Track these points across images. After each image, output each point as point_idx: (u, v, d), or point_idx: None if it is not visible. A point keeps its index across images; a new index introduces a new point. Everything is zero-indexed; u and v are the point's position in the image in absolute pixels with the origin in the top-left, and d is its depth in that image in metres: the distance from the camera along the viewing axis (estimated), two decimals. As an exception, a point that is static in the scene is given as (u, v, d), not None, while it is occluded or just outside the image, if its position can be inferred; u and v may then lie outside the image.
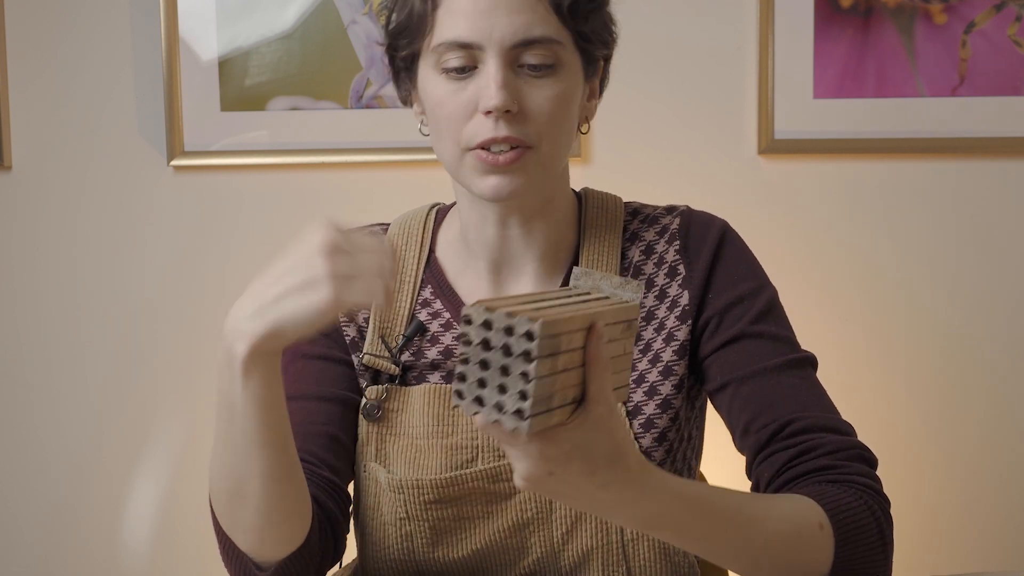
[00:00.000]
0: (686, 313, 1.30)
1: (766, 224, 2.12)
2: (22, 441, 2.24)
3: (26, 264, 2.22)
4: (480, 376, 0.91)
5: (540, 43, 1.22)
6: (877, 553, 1.17)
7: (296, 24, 2.17)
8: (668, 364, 1.29)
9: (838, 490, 1.18)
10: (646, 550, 1.28)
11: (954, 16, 2.15)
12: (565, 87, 1.25)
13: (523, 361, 0.90)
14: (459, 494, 1.27)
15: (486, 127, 1.23)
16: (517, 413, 0.90)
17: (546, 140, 1.24)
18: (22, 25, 2.18)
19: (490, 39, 1.21)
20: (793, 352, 1.30)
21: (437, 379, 1.32)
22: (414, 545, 1.29)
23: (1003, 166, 2.20)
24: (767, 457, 1.24)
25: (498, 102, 1.21)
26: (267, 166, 2.19)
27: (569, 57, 1.25)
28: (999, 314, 2.22)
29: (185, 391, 2.23)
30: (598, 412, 0.96)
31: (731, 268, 1.32)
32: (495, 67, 1.21)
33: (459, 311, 1.33)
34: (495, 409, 0.91)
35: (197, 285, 2.21)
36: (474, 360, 0.91)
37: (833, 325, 2.18)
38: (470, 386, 0.91)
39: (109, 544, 2.24)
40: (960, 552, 2.23)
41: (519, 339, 0.90)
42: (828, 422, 1.25)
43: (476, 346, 0.91)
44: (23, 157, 2.20)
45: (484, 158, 1.23)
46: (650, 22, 2.17)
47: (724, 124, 2.19)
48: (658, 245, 1.33)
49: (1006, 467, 2.23)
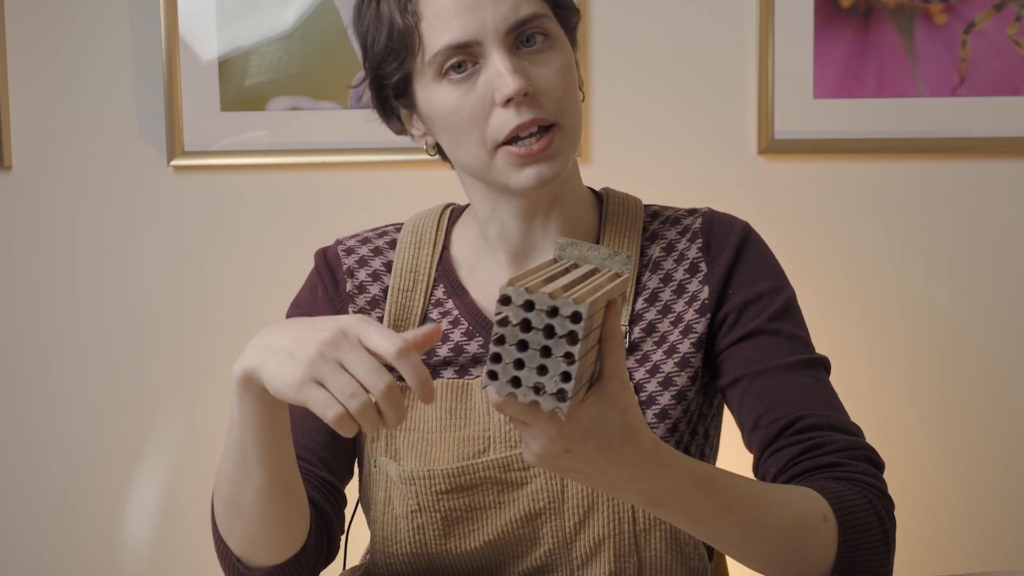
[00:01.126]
0: (705, 307, 1.31)
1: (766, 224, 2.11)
2: (22, 441, 2.24)
3: (26, 264, 2.22)
4: (518, 357, 0.89)
5: (531, 21, 1.24)
6: (879, 551, 1.18)
7: (296, 24, 2.17)
8: (685, 356, 1.30)
9: (843, 487, 1.19)
10: (657, 540, 1.28)
11: (954, 16, 2.15)
12: (563, 57, 1.27)
13: (567, 343, 0.88)
14: (471, 483, 1.28)
15: (509, 118, 1.23)
16: (558, 394, 0.89)
17: (565, 113, 1.26)
18: (22, 25, 2.18)
19: (485, 31, 1.22)
20: (807, 352, 1.31)
21: (450, 374, 1.33)
22: (426, 537, 1.30)
23: (1003, 166, 2.20)
24: (774, 452, 1.25)
25: (516, 87, 1.21)
26: (267, 166, 2.19)
27: (556, 29, 1.28)
28: (999, 314, 2.22)
29: (185, 391, 2.23)
30: (613, 388, 0.98)
31: (752, 266, 1.34)
32: (499, 56, 1.23)
33: (469, 310, 1.34)
34: (532, 390, 0.90)
35: (197, 285, 2.21)
36: (511, 341, 0.89)
37: (833, 325, 2.18)
38: (505, 367, 0.90)
39: (109, 544, 2.24)
40: (960, 552, 2.23)
41: (563, 320, 0.88)
42: (837, 422, 1.26)
43: (515, 327, 0.89)
44: (23, 157, 2.20)
45: (516, 152, 1.24)
46: (650, 22, 2.17)
47: (724, 124, 2.19)
48: (679, 244, 1.35)
49: (1006, 467, 2.23)
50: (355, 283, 1.38)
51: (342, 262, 1.40)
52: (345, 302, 1.38)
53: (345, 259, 1.40)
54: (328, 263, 1.40)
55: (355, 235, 1.44)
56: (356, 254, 1.40)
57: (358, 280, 1.38)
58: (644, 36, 2.16)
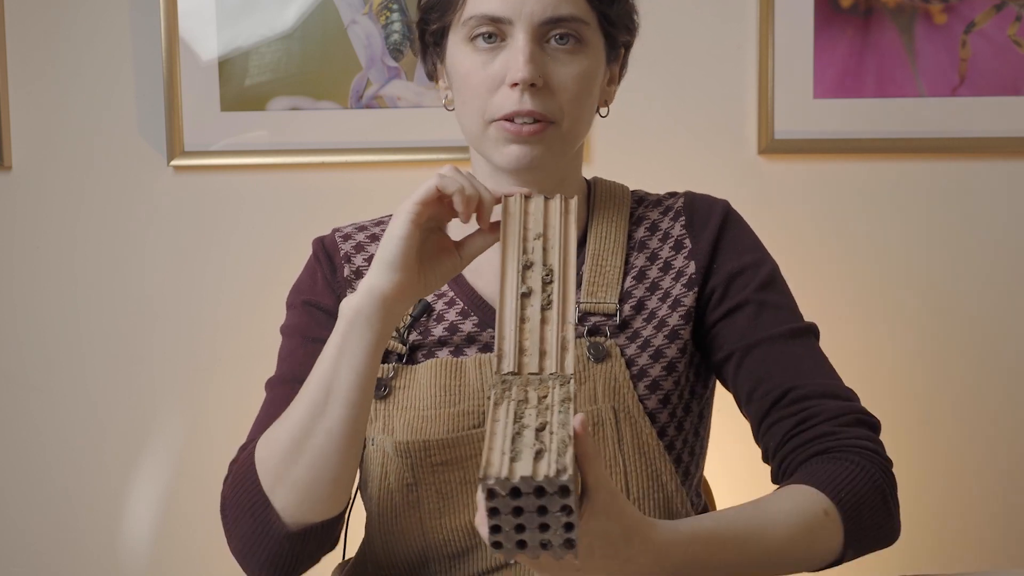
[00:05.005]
0: (692, 281, 1.35)
1: (766, 224, 2.11)
2: (22, 441, 2.24)
3: (26, 264, 2.22)
4: (517, 523, 0.95)
5: (568, 21, 1.28)
6: (882, 517, 1.25)
7: (296, 24, 2.17)
8: (674, 328, 1.34)
9: (836, 464, 1.24)
10: (651, 511, 1.31)
11: (954, 16, 2.15)
12: (588, 66, 1.31)
13: (563, 513, 0.94)
14: (465, 455, 1.30)
15: (511, 99, 1.28)
16: (566, 543, 0.95)
17: (568, 116, 1.30)
18: (22, 25, 2.18)
19: (520, 14, 1.27)
20: (795, 321, 1.36)
21: (445, 354, 1.35)
22: (422, 512, 1.31)
23: (1003, 166, 2.20)
24: (771, 426, 1.31)
25: (526, 74, 1.26)
26: (267, 166, 2.19)
27: (594, 38, 1.32)
28: (999, 314, 2.22)
29: (185, 391, 2.23)
30: (602, 499, 1.02)
31: (736, 240, 1.38)
32: (523, 41, 1.27)
33: (464, 290, 1.38)
34: (539, 547, 0.95)
35: (197, 285, 2.21)
36: (508, 527, 0.95)
37: (832, 325, 2.17)
38: (508, 534, 0.95)
39: (109, 544, 2.24)
40: (960, 552, 2.23)
41: (552, 497, 0.93)
42: (828, 388, 1.31)
43: (507, 516, 0.94)
44: (23, 157, 2.20)
45: (508, 128, 1.29)
46: (650, 22, 2.16)
47: (724, 124, 2.19)
48: (663, 223, 1.40)
49: (1007, 467, 2.23)
50: (352, 268, 1.41)
51: (339, 247, 1.43)
52: (343, 287, 1.40)
53: (342, 245, 1.43)
54: (325, 249, 1.44)
55: (352, 223, 1.48)
56: (353, 240, 1.44)
57: (355, 265, 1.41)
58: (644, 36, 2.15)
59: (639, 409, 1.30)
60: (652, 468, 1.30)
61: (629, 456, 1.29)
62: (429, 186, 1.17)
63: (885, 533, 1.26)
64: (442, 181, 1.17)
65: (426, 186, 1.18)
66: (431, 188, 1.17)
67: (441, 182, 1.17)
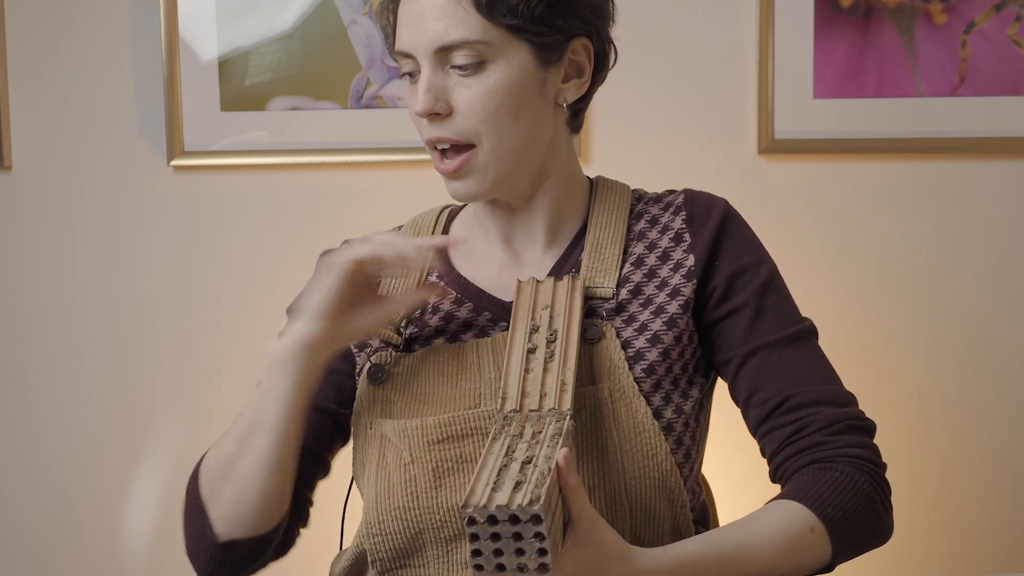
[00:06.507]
0: (692, 273, 1.37)
1: (765, 224, 2.11)
2: (22, 441, 2.24)
3: (26, 264, 2.22)
4: (495, 548, 1.05)
5: (460, 46, 1.30)
6: (871, 525, 1.28)
7: (296, 24, 2.17)
8: (672, 316, 1.36)
9: (825, 475, 1.27)
10: (647, 488, 1.32)
11: (954, 16, 2.15)
12: (495, 82, 1.30)
13: (536, 539, 1.03)
14: (461, 432, 1.32)
15: (424, 129, 1.34)
16: (540, 568, 1.04)
17: (486, 136, 1.31)
18: (22, 25, 2.18)
19: (418, 47, 1.31)
20: (794, 324, 1.38)
21: (442, 342, 1.38)
22: (418, 489, 1.32)
23: (1003, 166, 2.20)
24: (767, 434, 1.34)
25: (420, 107, 1.31)
26: (267, 166, 2.19)
27: (502, 52, 1.30)
28: (999, 314, 2.22)
29: (185, 391, 2.23)
30: (584, 527, 1.12)
31: (736, 239, 1.40)
32: (425, 72, 1.31)
33: (457, 280, 1.41)
34: (517, 570, 1.05)
35: (197, 285, 2.21)
36: (487, 551, 1.05)
37: (831, 324, 2.17)
38: (488, 559, 1.05)
39: (109, 544, 2.24)
40: (960, 552, 2.23)
41: (526, 524, 1.03)
42: (824, 395, 1.33)
43: (487, 541, 1.04)
44: (23, 157, 2.20)
45: (436, 161, 1.34)
46: (649, 22, 2.17)
47: (724, 124, 2.19)
48: (663, 217, 1.42)
49: (1006, 467, 2.23)
50: None
51: None
52: None
53: None
54: None
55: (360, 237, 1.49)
56: None
57: None
58: (644, 36, 2.16)
59: (634, 389, 1.32)
60: (647, 447, 1.31)
61: (624, 435, 1.31)
62: (362, 251, 1.27)
63: (875, 539, 1.29)
64: (369, 252, 1.27)
65: (362, 250, 1.27)
66: (364, 253, 1.26)
67: (368, 254, 1.27)
